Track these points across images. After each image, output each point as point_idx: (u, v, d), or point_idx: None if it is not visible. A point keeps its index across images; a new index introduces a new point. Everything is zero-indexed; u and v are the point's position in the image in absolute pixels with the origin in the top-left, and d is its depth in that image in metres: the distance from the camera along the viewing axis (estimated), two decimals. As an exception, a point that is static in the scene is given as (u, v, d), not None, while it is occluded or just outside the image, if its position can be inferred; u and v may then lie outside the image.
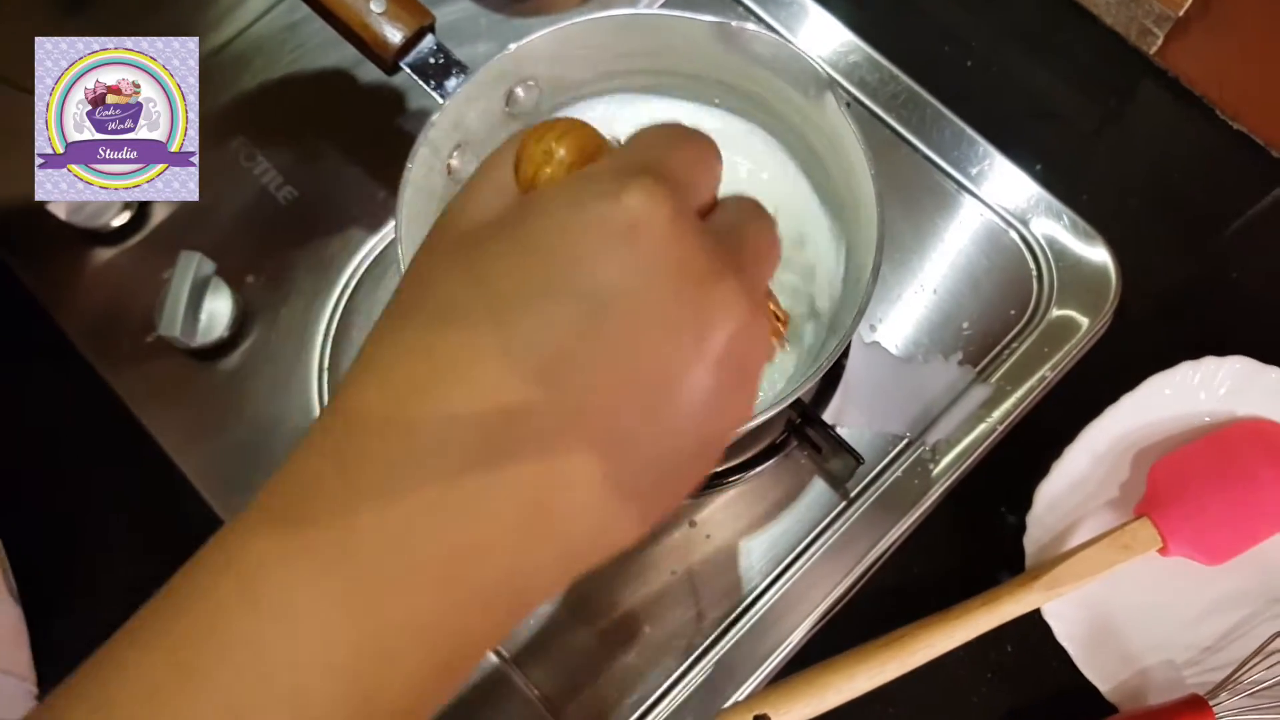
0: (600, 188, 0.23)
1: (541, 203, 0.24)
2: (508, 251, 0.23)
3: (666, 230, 0.22)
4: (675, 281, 0.23)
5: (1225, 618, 0.54)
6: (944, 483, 0.55)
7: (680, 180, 0.24)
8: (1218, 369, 0.55)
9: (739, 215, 0.26)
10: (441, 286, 0.24)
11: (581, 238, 0.22)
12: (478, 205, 0.25)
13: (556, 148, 0.24)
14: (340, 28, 0.48)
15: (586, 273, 0.22)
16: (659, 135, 0.26)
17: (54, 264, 0.63)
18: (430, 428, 0.22)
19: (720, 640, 0.53)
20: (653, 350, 0.23)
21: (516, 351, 0.22)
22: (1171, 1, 0.62)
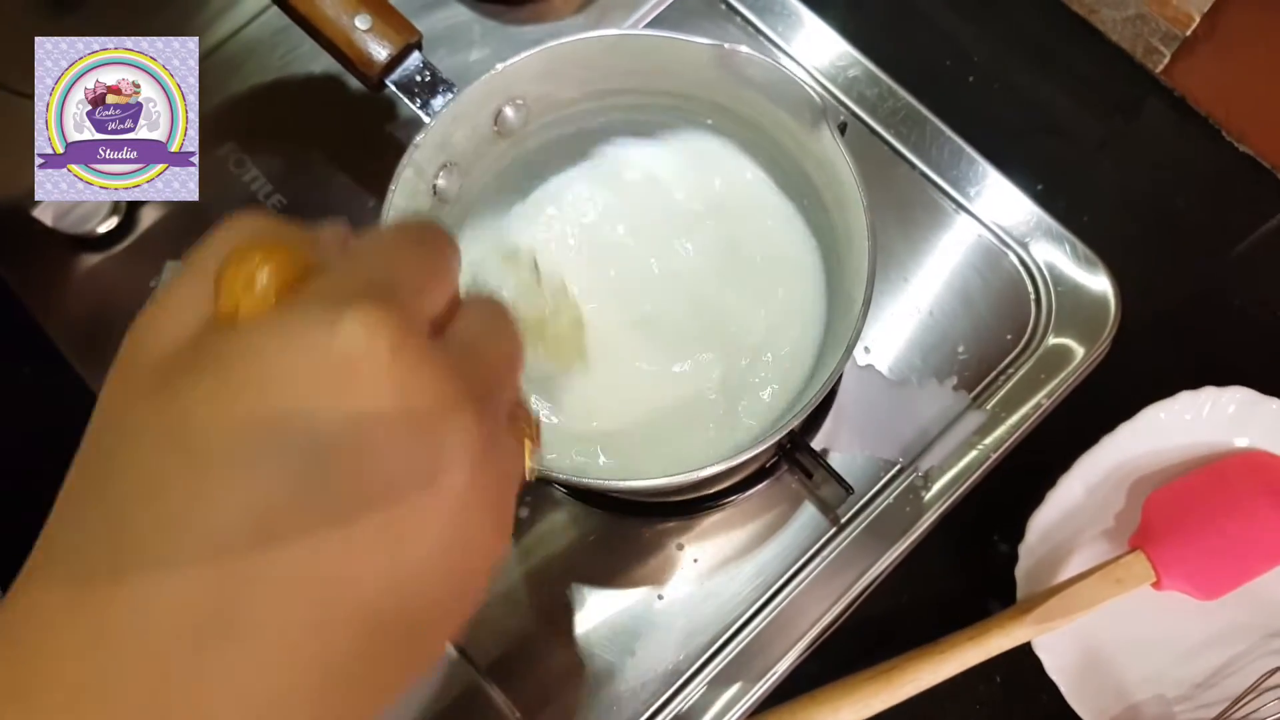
0: (312, 317, 0.20)
1: (246, 337, 0.21)
2: (208, 397, 0.20)
3: (387, 364, 0.20)
4: (400, 423, 0.20)
5: (1218, 653, 0.53)
6: (936, 510, 0.54)
7: (406, 298, 0.22)
8: (1217, 399, 0.55)
9: (477, 322, 0.24)
10: (135, 442, 0.21)
11: (292, 379, 0.20)
12: (172, 329, 0.22)
13: (259, 274, 0.21)
14: (325, 44, 0.48)
15: (299, 422, 0.20)
16: (382, 243, 0.23)
17: (41, 269, 0.62)
18: (126, 629, 0.19)
19: (705, 667, 0.53)
20: (382, 502, 0.20)
21: (226, 523, 0.19)
22: (1178, 21, 0.61)
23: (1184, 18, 0.60)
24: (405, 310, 0.21)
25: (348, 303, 0.20)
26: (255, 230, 0.24)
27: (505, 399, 0.25)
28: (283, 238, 0.23)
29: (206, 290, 0.22)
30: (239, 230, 0.24)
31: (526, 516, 0.56)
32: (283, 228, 0.24)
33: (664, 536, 0.55)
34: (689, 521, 0.56)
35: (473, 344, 0.24)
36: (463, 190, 0.48)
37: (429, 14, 0.65)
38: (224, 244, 0.23)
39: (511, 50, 0.64)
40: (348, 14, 0.46)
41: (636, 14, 0.65)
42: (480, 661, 0.53)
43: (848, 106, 0.61)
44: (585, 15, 0.65)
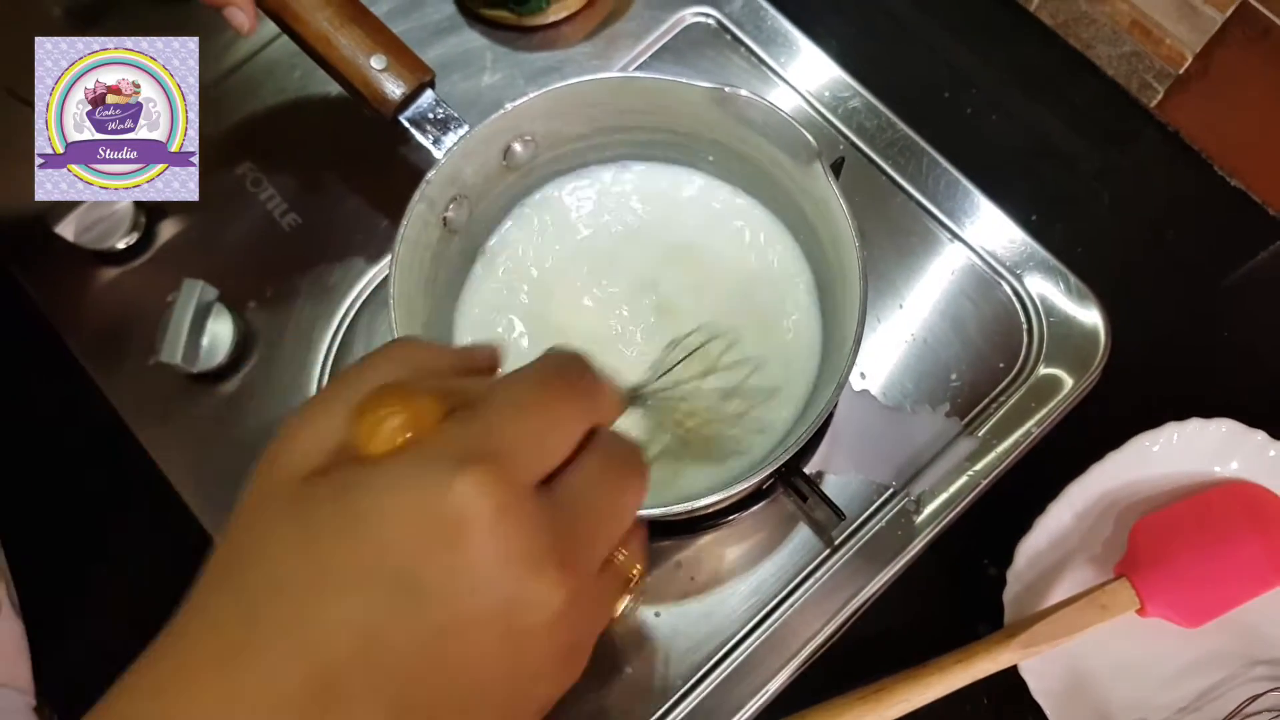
0: (431, 475, 0.23)
1: (373, 479, 0.24)
2: (336, 525, 0.24)
3: (490, 525, 0.23)
4: (491, 572, 0.23)
5: (1202, 679, 0.55)
6: (927, 534, 0.56)
7: (520, 459, 0.24)
8: (1203, 430, 0.56)
9: (589, 478, 0.26)
10: (272, 544, 0.24)
11: (405, 528, 0.23)
12: (311, 448, 0.25)
13: (392, 421, 0.24)
14: (342, 82, 0.49)
15: (406, 564, 0.23)
16: (511, 396, 0.26)
17: (62, 282, 0.64)
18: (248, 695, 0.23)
19: (700, 684, 0.54)
20: (462, 637, 0.23)
21: (331, 634, 0.23)
22: (1172, 59, 0.62)
23: (1177, 56, 0.62)
24: (515, 473, 0.24)
25: (462, 466, 0.23)
26: (401, 365, 0.27)
27: (599, 552, 0.27)
28: (426, 376, 0.26)
29: (345, 418, 0.25)
30: (387, 363, 0.27)
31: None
32: (430, 359, 0.27)
33: (663, 555, 0.57)
34: (687, 541, 0.57)
35: (579, 499, 0.26)
36: (471, 220, 0.50)
37: (443, 40, 0.67)
38: (371, 376, 0.26)
39: (522, 76, 0.67)
40: (364, 54, 0.48)
41: (643, 43, 0.66)
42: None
43: (847, 137, 0.63)
44: (593, 43, 0.67)
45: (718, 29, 0.66)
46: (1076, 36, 0.67)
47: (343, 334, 0.62)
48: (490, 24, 0.67)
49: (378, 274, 0.63)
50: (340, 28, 0.48)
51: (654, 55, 0.66)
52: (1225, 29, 0.58)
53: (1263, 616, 0.54)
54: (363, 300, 0.63)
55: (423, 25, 0.67)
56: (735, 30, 0.66)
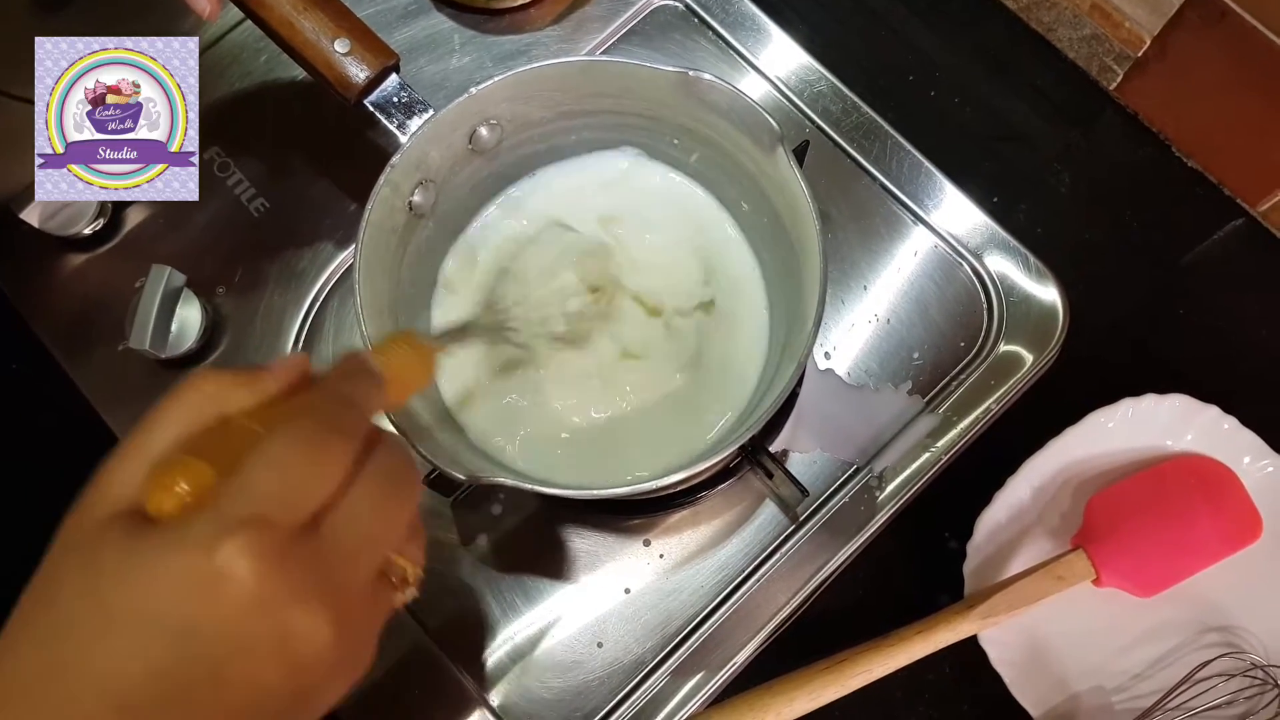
0: (198, 539, 0.27)
1: (153, 540, 0.27)
2: (120, 577, 0.27)
3: (250, 578, 0.26)
4: (257, 619, 0.27)
5: (1155, 647, 0.56)
6: (890, 509, 0.57)
7: (278, 514, 0.28)
8: (1158, 405, 0.57)
9: (359, 503, 0.30)
10: (66, 589, 0.28)
11: (179, 584, 0.26)
12: (110, 499, 0.29)
13: (177, 488, 0.28)
14: (305, 66, 0.49)
15: (182, 613, 0.26)
16: (275, 455, 0.28)
17: (28, 269, 0.64)
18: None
19: (670, 658, 0.55)
20: (243, 673, 0.27)
21: (116, 665, 0.26)
22: (1130, 42, 0.63)
23: (1135, 39, 0.63)
24: (274, 529, 0.27)
25: (226, 531, 0.27)
26: (196, 410, 0.30)
27: (373, 564, 0.31)
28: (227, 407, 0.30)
29: (141, 474, 0.29)
30: (182, 410, 0.30)
31: (499, 513, 0.58)
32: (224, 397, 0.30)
33: (631, 532, 0.58)
34: (656, 518, 0.58)
35: (344, 528, 0.29)
36: (438, 204, 0.50)
37: (410, 23, 0.67)
38: (170, 424, 0.30)
39: (490, 59, 0.67)
40: (327, 38, 0.48)
41: (611, 26, 0.67)
42: (452, 651, 0.56)
43: (813, 121, 0.64)
44: (561, 26, 0.67)
45: (685, 13, 0.67)
46: (1038, 20, 0.68)
47: (312, 319, 0.62)
48: (458, 7, 0.67)
49: (346, 259, 0.63)
50: (303, 12, 0.48)
51: (622, 39, 0.66)
52: (1182, 12, 0.59)
53: (1213, 586, 0.55)
54: (331, 285, 0.63)
55: (390, 8, 0.67)
56: (703, 14, 0.66)
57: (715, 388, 0.52)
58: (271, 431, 0.29)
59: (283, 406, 0.31)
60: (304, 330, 0.62)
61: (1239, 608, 0.56)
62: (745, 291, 0.53)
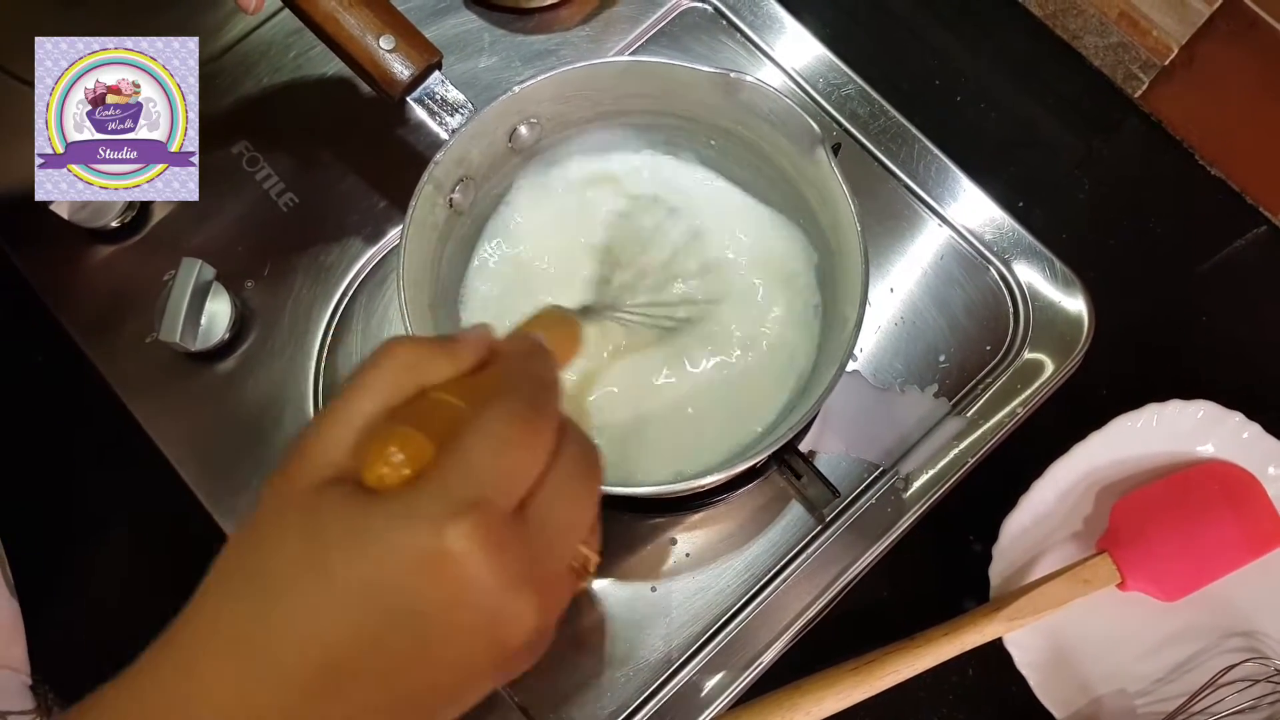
0: (425, 517, 0.26)
1: (377, 512, 0.27)
2: (343, 545, 0.27)
3: (477, 562, 0.26)
4: (477, 604, 0.27)
5: (1178, 651, 0.57)
6: (915, 511, 0.57)
7: (500, 496, 0.28)
8: (1182, 411, 0.58)
9: (559, 489, 0.29)
10: (283, 550, 0.28)
11: (404, 559, 0.26)
12: (319, 465, 0.29)
13: (395, 459, 0.27)
14: (350, 62, 0.50)
15: (404, 587, 0.26)
16: (492, 434, 0.28)
17: (56, 260, 0.64)
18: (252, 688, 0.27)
19: (696, 656, 0.55)
20: (453, 648, 0.27)
21: (332, 632, 0.26)
22: (1158, 50, 0.64)
23: (1163, 48, 0.63)
24: (496, 510, 0.27)
25: (453, 514, 0.26)
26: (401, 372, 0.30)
27: (565, 554, 0.31)
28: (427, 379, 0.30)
29: (350, 441, 0.29)
30: (385, 377, 0.30)
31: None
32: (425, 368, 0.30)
33: (658, 531, 0.58)
34: (682, 517, 0.58)
35: (548, 515, 0.29)
36: (476, 200, 0.50)
37: (439, 21, 0.67)
38: (372, 391, 0.29)
39: (519, 58, 0.67)
40: (372, 34, 0.48)
41: (640, 27, 0.67)
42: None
43: (841, 124, 0.64)
44: (590, 27, 0.67)
45: (714, 15, 0.67)
46: (1064, 27, 0.69)
47: (340, 314, 0.62)
48: (487, 6, 0.67)
49: (375, 254, 0.63)
50: (349, 8, 0.48)
51: (650, 40, 0.67)
52: (1212, 21, 0.59)
53: (1237, 590, 0.56)
54: (360, 280, 0.63)
55: (420, 6, 0.68)
56: (731, 16, 0.66)
57: (753, 389, 0.52)
58: (479, 409, 0.28)
59: (480, 382, 0.31)
60: (333, 325, 0.62)
61: (1262, 613, 0.57)
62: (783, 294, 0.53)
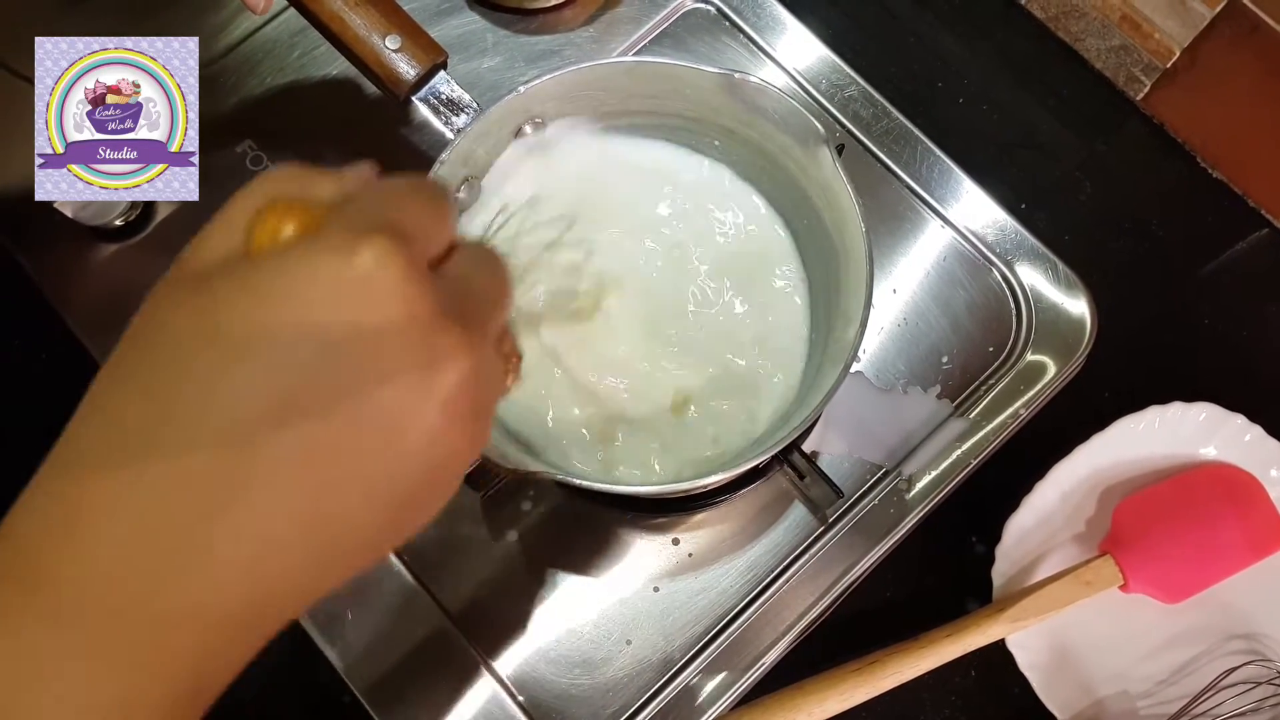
0: (333, 245, 0.24)
1: (275, 259, 0.24)
2: (237, 301, 0.24)
3: (396, 285, 0.24)
4: (403, 331, 0.24)
5: (1181, 653, 0.57)
6: (918, 512, 0.57)
7: (411, 235, 0.25)
8: (1184, 414, 0.58)
9: (472, 263, 0.28)
10: (170, 337, 0.24)
11: (313, 292, 0.23)
12: (208, 257, 0.26)
13: (283, 227, 0.25)
14: (355, 61, 0.50)
15: (317, 326, 0.23)
16: (391, 190, 0.27)
17: (60, 258, 0.64)
18: (156, 468, 0.23)
19: (698, 657, 0.56)
20: (380, 393, 0.24)
21: (248, 403, 0.23)
22: (1159, 53, 0.64)
23: (1165, 51, 0.63)
24: (412, 244, 0.25)
25: (365, 234, 0.24)
26: (284, 182, 0.27)
27: (493, 327, 0.28)
28: (307, 191, 0.27)
29: (239, 235, 0.25)
30: (270, 183, 0.27)
31: (529, 509, 0.59)
32: (309, 179, 0.27)
33: (660, 531, 0.58)
34: (685, 517, 0.58)
35: (466, 278, 0.27)
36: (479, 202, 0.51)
37: (443, 22, 0.68)
38: (257, 195, 0.26)
39: (523, 59, 0.67)
40: (378, 34, 0.48)
41: (643, 28, 0.67)
42: (481, 646, 0.56)
43: (843, 125, 0.64)
44: (593, 28, 0.67)
45: (716, 16, 0.67)
46: (1066, 30, 0.69)
47: (343, 313, 0.62)
48: (490, 6, 0.67)
49: (377, 254, 0.63)
50: (355, 7, 0.48)
51: (653, 41, 0.67)
52: (1214, 25, 0.59)
53: (1239, 593, 0.56)
54: (363, 279, 0.63)
55: (423, 7, 0.68)
56: (734, 17, 0.67)
57: (756, 388, 0.52)
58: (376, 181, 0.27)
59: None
60: (335, 325, 0.62)
61: (1264, 615, 0.57)
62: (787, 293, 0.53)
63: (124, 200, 0.62)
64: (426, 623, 0.56)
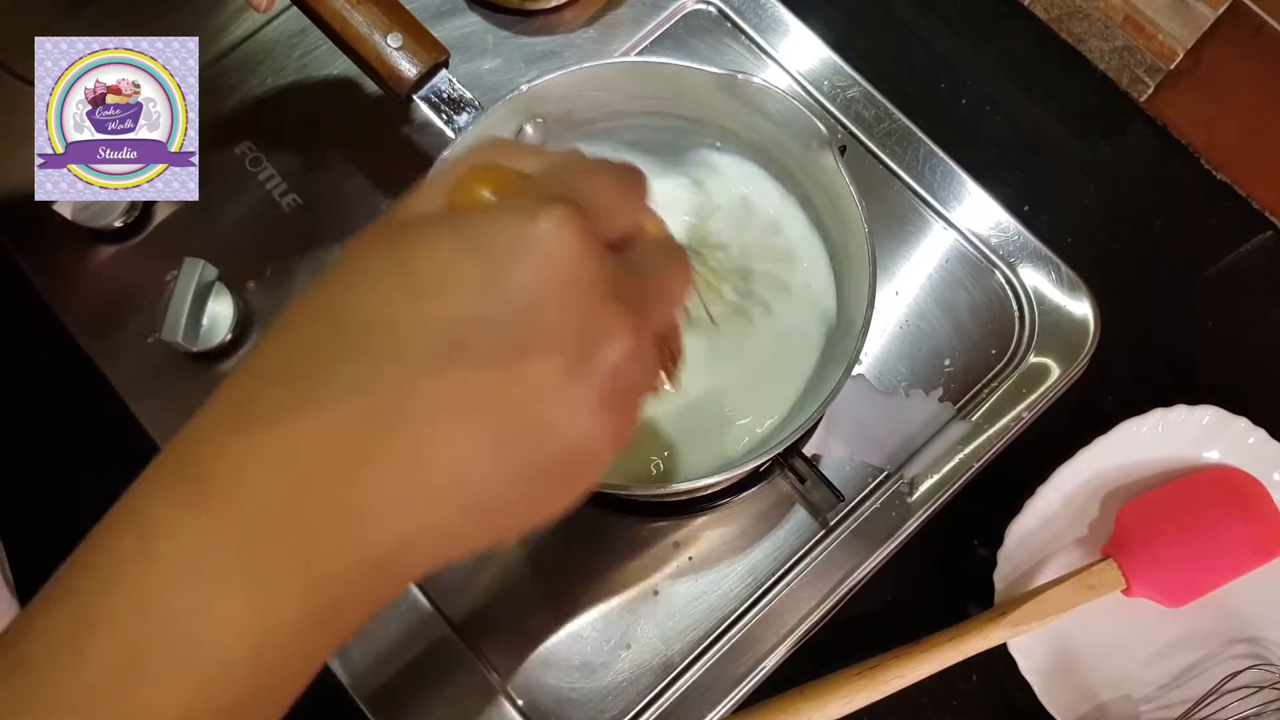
0: (519, 209, 0.25)
1: (465, 213, 0.26)
2: (430, 243, 0.25)
3: (572, 252, 0.25)
4: (571, 295, 0.25)
5: (1183, 657, 0.56)
6: (920, 516, 0.57)
7: (594, 209, 0.26)
8: (1188, 416, 0.58)
9: (652, 254, 0.29)
10: (364, 263, 0.26)
11: (494, 244, 0.25)
12: (414, 207, 0.28)
13: (482, 190, 0.27)
14: (357, 60, 0.49)
15: (494, 271, 0.24)
16: (585, 167, 0.28)
17: (58, 260, 0.64)
18: (331, 404, 0.24)
19: (698, 661, 0.55)
20: (538, 351, 0.25)
21: (416, 331, 0.24)
22: (1163, 54, 0.64)
23: (1168, 52, 0.63)
24: (593, 218, 0.26)
25: (549, 202, 0.25)
26: (490, 152, 0.29)
27: (661, 319, 0.29)
28: (510, 161, 0.28)
29: (441, 198, 0.27)
30: (480, 151, 0.29)
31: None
32: (514, 151, 0.29)
33: (661, 534, 0.58)
34: (685, 520, 0.58)
35: (644, 266, 0.28)
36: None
37: (444, 22, 0.67)
38: (463, 165, 0.28)
39: (523, 59, 0.67)
40: (379, 32, 0.48)
41: (644, 29, 0.67)
42: (481, 650, 0.56)
43: (846, 126, 0.64)
44: (594, 29, 0.67)
45: (718, 17, 0.67)
46: (1069, 31, 0.69)
47: (342, 314, 0.62)
48: (491, 7, 0.67)
49: (378, 255, 0.63)
50: (356, 5, 0.48)
51: (654, 42, 0.67)
52: (1217, 26, 0.59)
53: (1242, 597, 0.56)
54: (363, 281, 0.63)
55: (424, 7, 0.67)
56: (735, 18, 0.66)
57: (757, 390, 0.52)
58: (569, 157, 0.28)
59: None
60: (335, 326, 0.62)
61: (1267, 620, 0.56)
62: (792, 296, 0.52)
63: (124, 200, 0.62)
64: (425, 626, 0.56)
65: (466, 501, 0.25)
